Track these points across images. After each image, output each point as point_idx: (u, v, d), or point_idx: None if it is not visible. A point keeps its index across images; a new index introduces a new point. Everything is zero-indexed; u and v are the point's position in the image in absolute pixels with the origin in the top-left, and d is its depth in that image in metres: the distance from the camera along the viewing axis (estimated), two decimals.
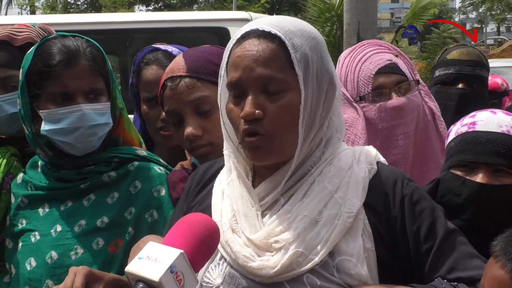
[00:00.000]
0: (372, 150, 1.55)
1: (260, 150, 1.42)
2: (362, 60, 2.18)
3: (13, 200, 2.00)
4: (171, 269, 1.22)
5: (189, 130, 1.85)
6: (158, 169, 1.96)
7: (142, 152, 2.01)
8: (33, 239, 1.90)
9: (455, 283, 1.38)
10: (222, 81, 1.52)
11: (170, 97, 1.88)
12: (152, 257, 1.25)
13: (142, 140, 2.12)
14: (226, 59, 1.49)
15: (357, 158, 1.50)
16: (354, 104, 2.14)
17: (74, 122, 1.82)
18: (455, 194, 1.66)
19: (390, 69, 2.16)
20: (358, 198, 1.42)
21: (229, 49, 1.49)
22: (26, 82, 1.86)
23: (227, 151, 1.55)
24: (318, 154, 1.48)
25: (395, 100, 2.12)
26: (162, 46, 2.38)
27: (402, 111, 2.12)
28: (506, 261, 1.20)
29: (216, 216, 1.50)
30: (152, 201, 1.90)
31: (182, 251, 1.25)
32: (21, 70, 1.89)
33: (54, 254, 1.85)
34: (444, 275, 1.39)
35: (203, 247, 1.32)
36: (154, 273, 1.22)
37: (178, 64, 1.91)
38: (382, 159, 1.55)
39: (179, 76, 1.88)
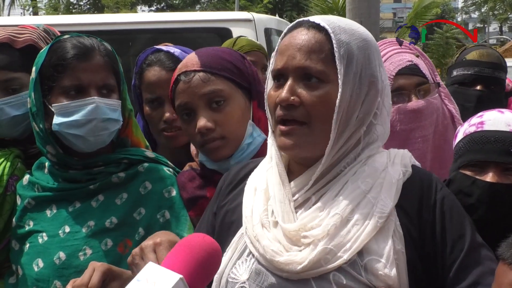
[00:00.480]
0: (407, 153, 1.55)
1: (292, 138, 1.43)
2: (382, 59, 2.16)
3: (19, 202, 2.00)
4: None
5: (202, 122, 1.85)
6: (167, 170, 1.97)
7: (151, 154, 2.01)
8: (40, 240, 1.89)
9: None
10: (270, 69, 1.53)
11: (183, 91, 1.88)
12: (151, 281, 1.22)
13: (148, 144, 2.12)
14: (277, 47, 1.51)
15: (392, 160, 1.50)
16: None
17: (88, 114, 1.82)
18: (465, 194, 1.66)
19: (411, 70, 2.13)
20: (391, 199, 1.42)
21: (281, 37, 1.51)
22: (39, 78, 1.86)
23: (271, 139, 1.56)
24: (353, 155, 1.48)
25: (415, 102, 2.10)
26: (165, 47, 2.37)
27: (421, 114, 2.09)
28: None
29: (247, 212, 1.51)
30: (163, 201, 1.90)
31: (181, 276, 1.22)
32: (34, 67, 1.89)
33: (62, 254, 1.84)
34: None
35: (203, 271, 1.30)
36: None
37: (192, 60, 1.91)
38: (417, 163, 1.55)
39: (193, 70, 1.88)
